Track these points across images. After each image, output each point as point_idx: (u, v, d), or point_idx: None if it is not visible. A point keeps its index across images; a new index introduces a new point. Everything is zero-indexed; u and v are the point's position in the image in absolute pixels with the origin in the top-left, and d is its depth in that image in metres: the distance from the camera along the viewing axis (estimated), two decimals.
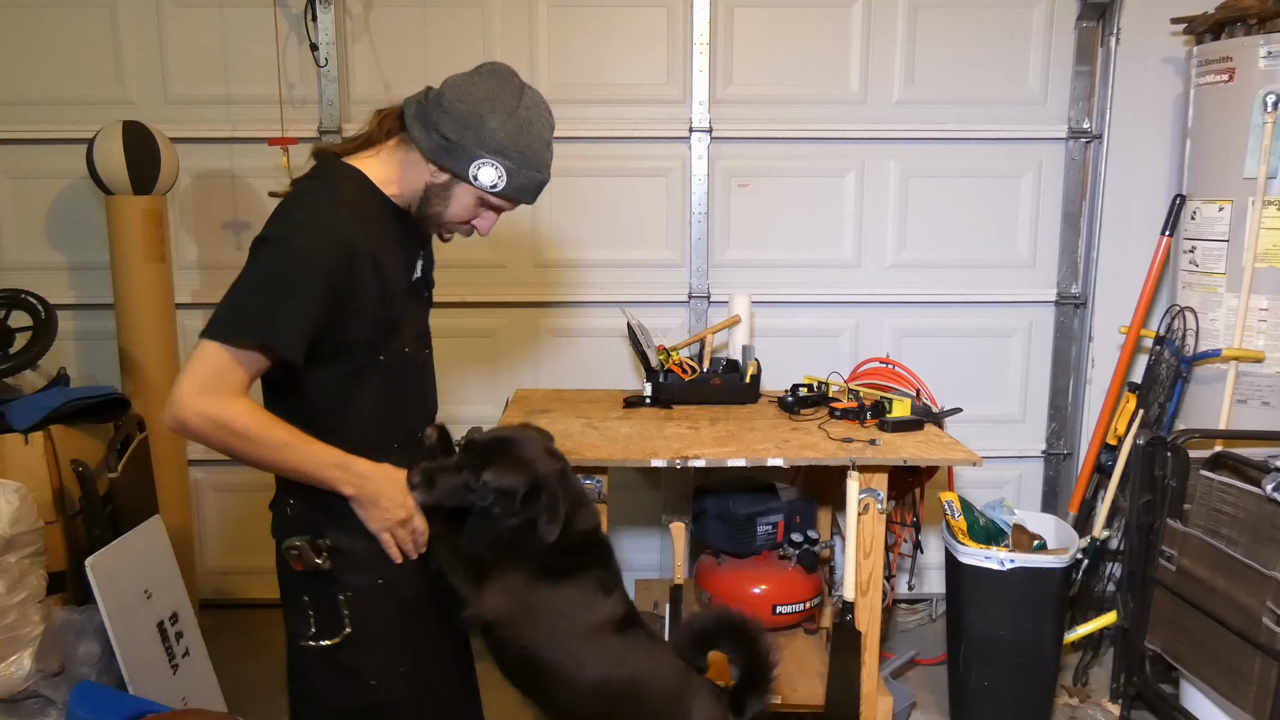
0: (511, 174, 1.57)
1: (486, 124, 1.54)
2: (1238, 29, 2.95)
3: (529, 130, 1.57)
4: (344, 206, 1.53)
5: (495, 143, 1.54)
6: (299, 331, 1.47)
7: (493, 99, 1.55)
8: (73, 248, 3.43)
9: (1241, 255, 2.92)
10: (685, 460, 2.40)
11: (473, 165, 1.55)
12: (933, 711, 3.00)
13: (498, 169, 1.55)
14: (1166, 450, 2.72)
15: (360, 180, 1.60)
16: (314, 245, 1.48)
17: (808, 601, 2.89)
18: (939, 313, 3.54)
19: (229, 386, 1.46)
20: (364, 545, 1.61)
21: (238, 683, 2.97)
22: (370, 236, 1.54)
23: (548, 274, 3.46)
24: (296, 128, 3.32)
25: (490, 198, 1.60)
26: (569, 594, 1.68)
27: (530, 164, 1.59)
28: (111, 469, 2.60)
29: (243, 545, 3.62)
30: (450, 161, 1.55)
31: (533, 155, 1.59)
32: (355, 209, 1.55)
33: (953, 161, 3.46)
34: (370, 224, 1.56)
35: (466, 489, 1.61)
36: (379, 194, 1.61)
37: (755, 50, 3.40)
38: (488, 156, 1.55)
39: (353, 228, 1.52)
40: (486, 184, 1.57)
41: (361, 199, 1.58)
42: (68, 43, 3.33)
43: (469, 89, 1.56)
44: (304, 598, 1.64)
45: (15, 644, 2.22)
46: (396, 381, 1.64)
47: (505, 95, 1.56)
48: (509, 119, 1.55)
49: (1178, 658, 2.63)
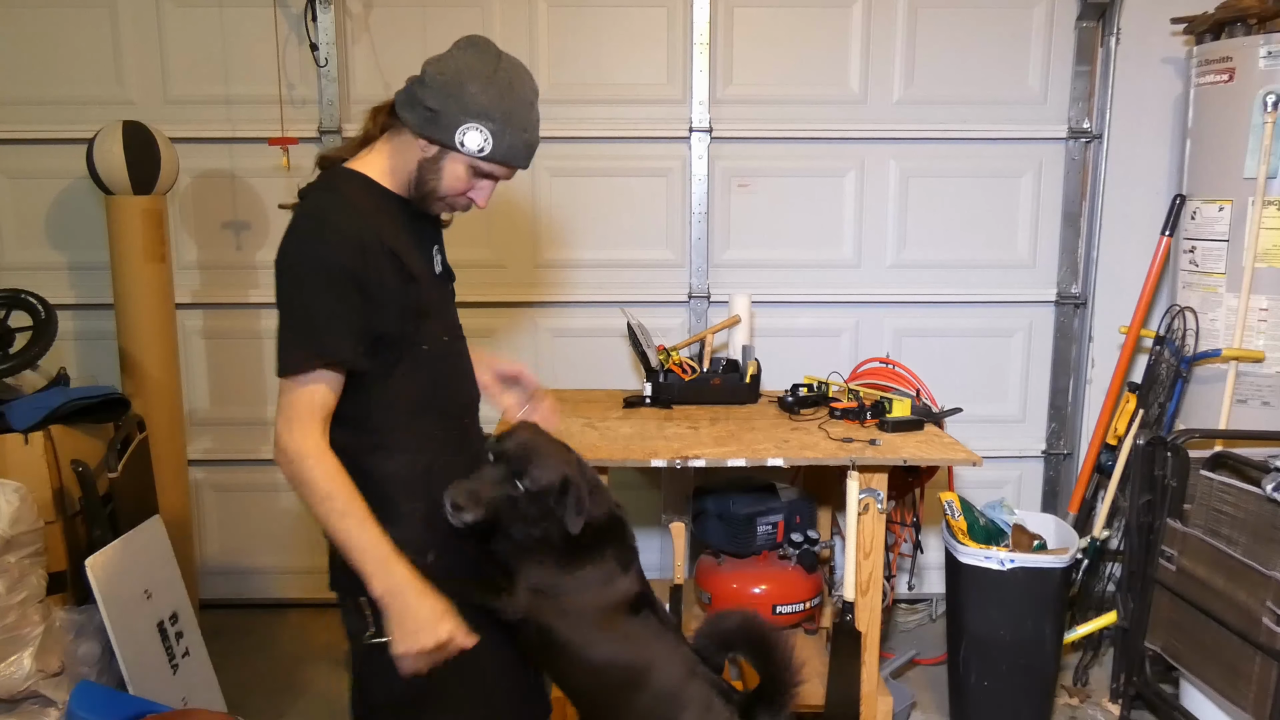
0: (497, 136, 1.58)
1: (466, 89, 1.56)
2: (1238, 29, 2.95)
3: (510, 92, 1.59)
4: (349, 208, 1.57)
5: (478, 107, 1.57)
6: (343, 331, 1.52)
7: (471, 67, 1.58)
8: (73, 248, 3.43)
9: (1241, 255, 2.92)
10: (685, 460, 2.40)
11: (458, 131, 1.57)
12: (933, 711, 3.00)
13: (483, 132, 1.57)
14: (1166, 450, 2.72)
15: (361, 180, 1.63)
16: (328, 249, 1.52)
17: (808, 601, 2.89)
18: (939, 313, 3.54)
19: (311, 416, 1.54)
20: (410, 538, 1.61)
21: (238, 683, 2.97)
22: (380, 228, 1.57)
23: (548, 274, 3.46)
24: (296, 128, 3.32)
25: (480, 164, 1.61)
26: (587, 575, 1.71)
27: (515, 123, 1.60)
28: (111, 469, 2.60)
29: (243, 545, 3.62)
30: (436, 131, 1.58)
31: (517, 115, 1.60)
32: (360, 207, 1.58)
33: (953, 161, 3.46)
34: (378, 218, 1.59)
35: (510, 499, 1.64)
36: (380, 188, 1.64)
37: (755, 50, 3.40)
38: (471, 121, 1.57)
39: (361, 224, 1.55)
40: (474, 149, 1.58)
41: (365, 197, 1.61)
42: (68, 43, 3.33)
43: (447, 62, 1.59)
44: (360, 598, 1.61)
45: (15, 644, 2.22)
46: (434, 371, 1.68)
47: (483, 62, 1.59)
48: (489, 83, 1.57)
49: (1178, 658, 2.63)
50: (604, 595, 1.72)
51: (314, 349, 1.52)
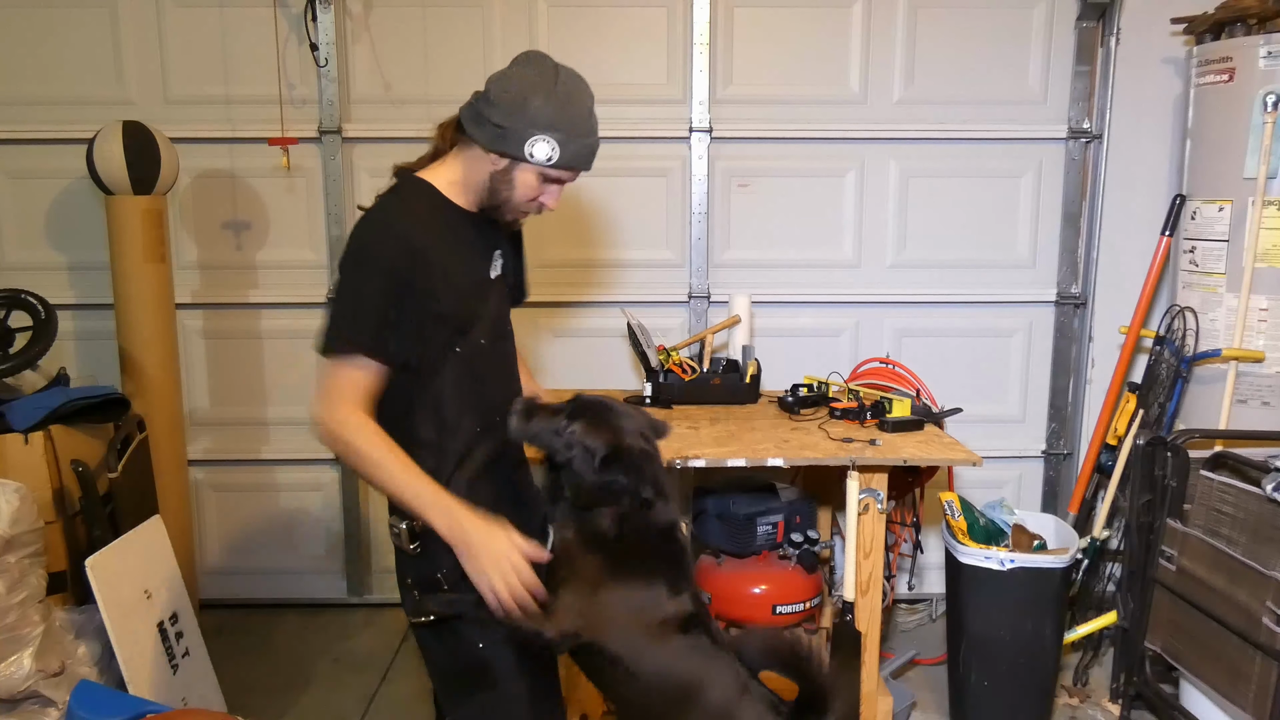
0: (563, 144, 1.69)
1: (531, 104, 1.67)
2: (1238, 29, 2.95)
3: (571, 102, 1.70)
4: (406, 214, 1.70)
5: (543, 119, 1.67)
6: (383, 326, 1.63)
7: (532, 82, 1.69)
8: (73, 248, 3.43)
9: (1241, 255, 2.92)
10: (685, 460, 2.40)
11: (527, 144, 1.68)
12: (933, 711, 3.00)
13: (549, 143, 1.68)
14: (1166, 450, 2.72)
15: (426, 189, 1.75)
16: (379, 247, 1.66)
17: (808, 601, 2.88)
18: (939, 313, 3.54)
19: (344, 396, 1.64)
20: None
21: (238, 683, 2.97)
22: (432, 236, 1.70)
23: (548, 274, 3.46)
24: (296, 128, 3.32)
25: (549, 171, 1.72)
26: (636, 590, 1.71)
27: (578, 131, 1.71)
28: (111, 469, 2.60)
29: (243, 545, 3.62)
30: (506, 146, 1.69)
31: (579, 123, 1.72)
32: (417, 214, 1.71)
33: (953, 161, 3.46)
34: (432, 226, 1.72)
35: (555, 433, 1.70)
36: (442, 199, 1.76)
37: (755, 50, 3.40)
38: (538, 133, 1.67)
39: (415, 230, 1.68)
40: (543, 158, 1.69)
41: (424, 205, 1.74)
42: (68, 43, 3.33)
43: (510, 79, 1.70)
44: (407, 579, 1.77)
45: (15, 644, 2.22)
46: (473, 372, 1.77)
47: (543, 76, 1.70)
48: (550, 96, 1.68)
49: (1178, 658, 2.63)
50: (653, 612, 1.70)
51: (353, 336, 1.63)
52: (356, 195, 3.40)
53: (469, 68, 3.34)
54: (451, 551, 1.65)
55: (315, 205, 3.42)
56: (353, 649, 3.36)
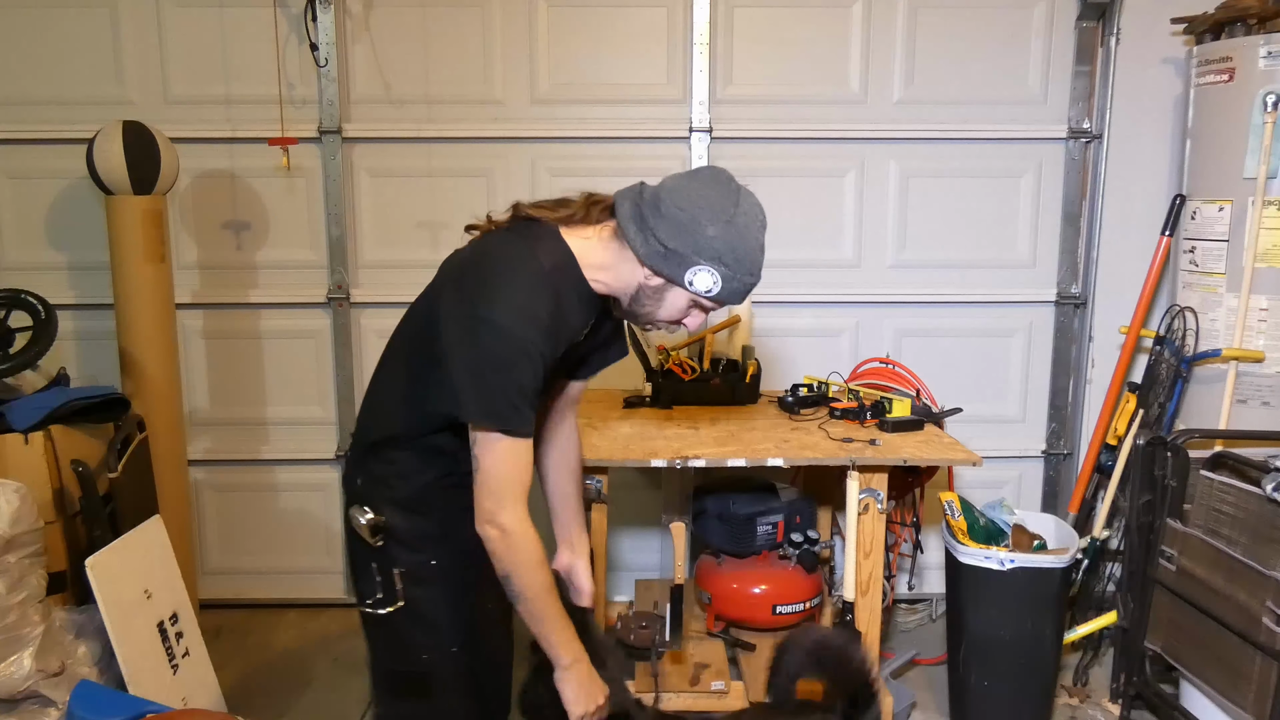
0: (727, 280, 1.57)
1: (704, 231, 1.53)
2: (1238, 29, 2.95)
3: (745, 236, 1.57)
4: (546, 285, 1.56)
5: (712, 250, 1.54)
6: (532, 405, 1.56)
7: (711, 205, 1.55)
8: (73, 248, 3.43)
9: (1241, 255, 2.92)
10: (685, 460, 2.40)
11: (689, 272, 1.55)
12: (933, 711, 3.00)
13: (714, 275, 1.56)
14: (1166, 450, 2.72)
15: (566, 258, 1.62)
16: (532, 331, 1.53)
17: (808, 601, 2.89)
18: (939, 313, 3.54)
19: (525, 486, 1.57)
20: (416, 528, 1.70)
21: (238, 683, 2.97)
22: (564, 317, 1.60)
23: None
24: (296, 128, 3.32)
25: (704, 300, 1.61)
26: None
27: (745, 269, 1.58)
28: (111, 469, 2.60)
29: (243, 545, 3.62)
30: (667, 268, 1.56)
31: (748, 260, 1.58)
32: (554, 286, 1.58)
33: (953, 161, 3.46)
34: (567, 305, 1.61)
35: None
36: (578, 275, 1.63)
37: (755, 50, 3.40)
38: (704, 263, 1.55)
39: (555, 310, 1.57)
40: (702, 290, 1.57)
41: (562, 277, 1.61)
42: (68, 43, 3.33)
43: (687, 194, 1.56)
44: (371, 564, 1.72)
45: (15, 644, 2.22)
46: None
47: (723, 201, 1.56)
48: (728, 226, 1.54)
49: (1178, 658, 2.63)
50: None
51: (529, 415, 1.54)
52: (356, 195, 3.40)
53: (469, 68, 3.34)
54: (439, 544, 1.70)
55: (315, 205, 3.41)
56: (353, 649, 3.36)
